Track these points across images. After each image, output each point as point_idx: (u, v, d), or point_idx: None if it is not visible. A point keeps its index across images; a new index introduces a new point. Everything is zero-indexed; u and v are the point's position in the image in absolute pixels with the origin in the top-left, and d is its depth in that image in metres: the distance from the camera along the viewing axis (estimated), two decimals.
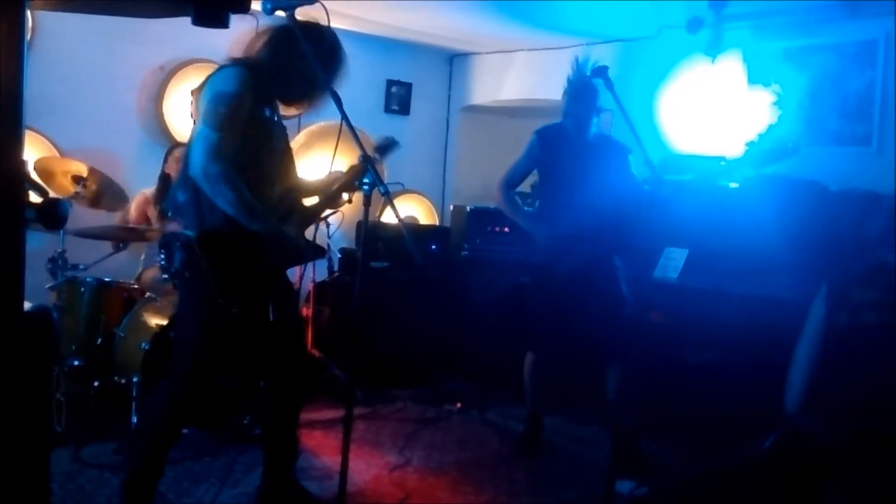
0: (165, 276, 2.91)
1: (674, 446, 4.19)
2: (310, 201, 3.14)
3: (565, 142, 4.00)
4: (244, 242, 2.73)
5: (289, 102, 2.95)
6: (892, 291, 1.76)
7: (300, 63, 2.74)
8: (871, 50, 4.52)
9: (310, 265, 5.06)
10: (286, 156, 2.98)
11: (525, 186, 4.54)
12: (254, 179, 2.73)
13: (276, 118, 2.90)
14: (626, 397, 3.94)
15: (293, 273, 3.17)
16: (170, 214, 2.88)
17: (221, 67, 2.78)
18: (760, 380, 3.87)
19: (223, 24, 1.87)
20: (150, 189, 4.64)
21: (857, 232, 1.91)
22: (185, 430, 3.77)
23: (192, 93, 2.85)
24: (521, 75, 6.46)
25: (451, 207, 6.18)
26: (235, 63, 2.79)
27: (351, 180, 3.02)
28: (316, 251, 3.14)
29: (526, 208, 4.48)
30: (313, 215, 3.07)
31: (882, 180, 4.33)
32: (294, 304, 3.16)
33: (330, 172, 3.09)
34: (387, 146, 3.18)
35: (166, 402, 2.88)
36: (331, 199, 3.05)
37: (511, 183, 4.14)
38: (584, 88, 3.92)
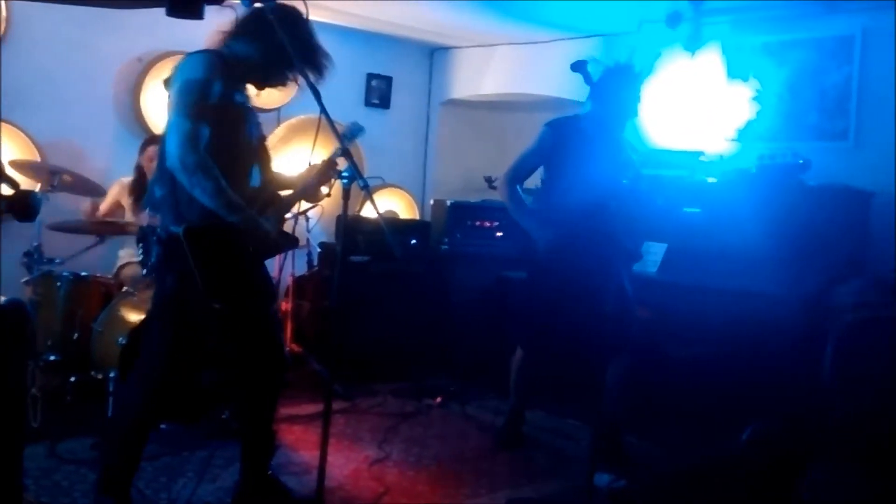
0: (144, 270, 2.88)
1: (655, 440, 4.21)
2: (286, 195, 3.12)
3: (580, 137, 3.77)
4: (224, 235, 2.71)
5: (260, 85, 2.92)
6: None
7: (269, 43, 2.71)
8: (848, 45, 4.56)
9: (289, 259, 5.05)
10: (261, 145, 2.95)
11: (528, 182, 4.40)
12: (229, 168, 2.70)
13: (248, 104, 2.88)
14: (611, 392, 3.92)
15: (272, 267, 3.15)
16: (149, 211, 2.84)
17: (188, 55, 2.75)
18: (740, 373, 3.91)
19: (198, 15, 1.85)
20: (127, 178, 4.59)
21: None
22: (162, 426, 3.77)
23: (164, 83, 2.82)
24: (502, 69, 6.46)
25: (432, 202, 6.17)
26: (203, 49, 2.76)
27: (324, 173, 3.00)
28: (290, 241, 3.12)
29: (531, 207, 4.28)
30: (289, 207, 3.06)
31: (859, 175, 4.38)
32: (273, 298, 3.14)
33: (309, 166, 3.08)
34: (352, 132, 3.16)
35: (140, 398, 2.85)
36: (306, 191, 3.03)
37: (518, 177, 3.88)
38: (629, 81, 3.72)
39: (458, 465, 3.84)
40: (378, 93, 6.65)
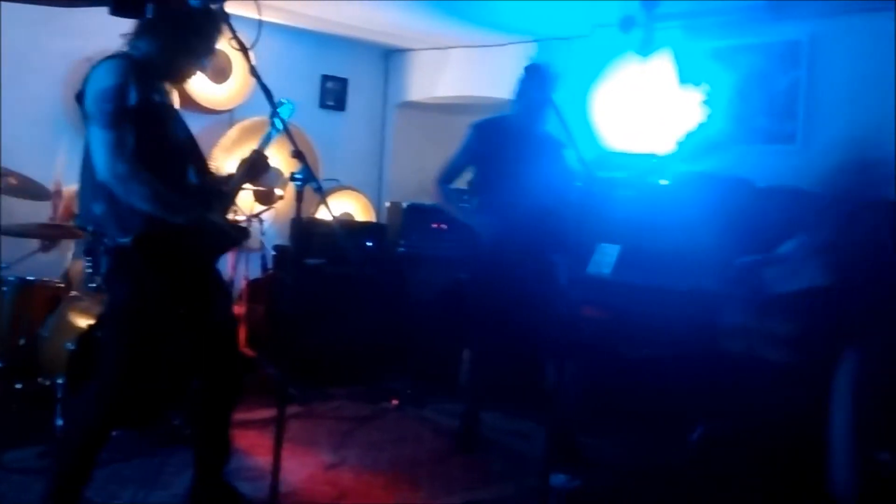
0: (92, 283, 2.83)
1: (608, 440, 4.25)
2: None
3: (504, 135, 3.96)
4: (174, 239, 2.67)
5: (174, 82, 2.88)
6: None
7: (169, 38, 2.70)
8: (795, 50, 4.65)
9: (242, 262, 5.00)
10: (191, 142, 2.91)
11: (462, 183, 4.53)
12: (163, 169, 2.65)
13: (168, 102, 2.84)
14: (565, 393, 3.97)
15: (226, 270, 3.12)
16: (90, 229, 2.78)
17: (95, 65, 2.68)
18: (692, 373, 3.96)
19: (142, 14, 1.81)
20: (77, 185, 4.49)
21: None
22: (113, 432, 3.69)
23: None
24: (458, 72, 6.47)
25: (388, 204, 6.16)
26: (109, 56, 2.70)
27: (251, 163, 2.98)
28: (242, 233, 3.09)
29: (464, 205, 4.45)
30: (232, 198, 3.02)
31: (806, 177, 4.46)
32: (228, 301, 3.11)
33: (241, 160, 3.04)
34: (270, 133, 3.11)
35: (96, 408, 2.79)
36: (240, 181, 3.01)
37: (447, 177, 4.10)
38: (543, 80, 3.88)
39: (414, 469, 3.84)
40: (333, 94, 6.62)
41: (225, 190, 2.99)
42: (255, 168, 2.99)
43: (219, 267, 3.03)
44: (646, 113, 4.89)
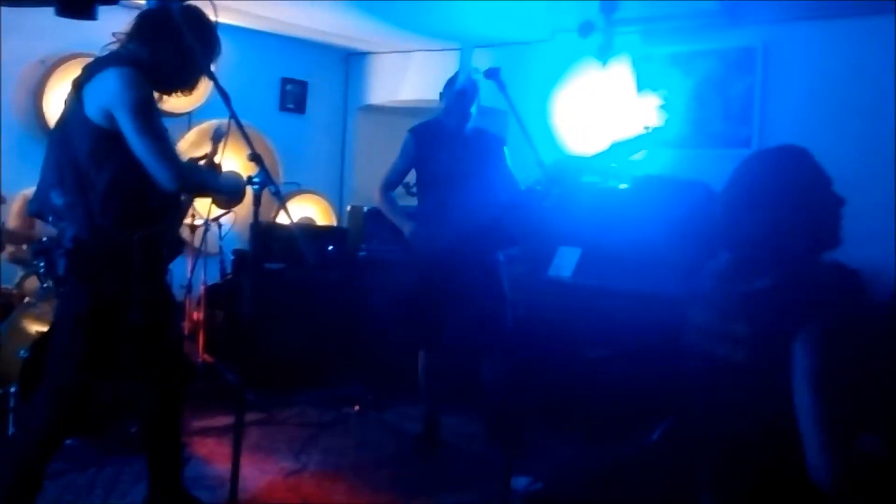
0: (46, 284, 2.78)
1: (569, 441, 4.26)
2: None
3: (441, 138, 4.01)
4: (133, 244, 2.64)
5: (167, 92, 2.84)
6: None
7: (178, 50, 2.65)
8: (750, 56, 4.73)
9: (200, 268, 4.94)
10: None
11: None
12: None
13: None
14: (503, 389, 4.03)
15: (185, 275, 3.08)
16: (49, 219, 2.73)
17: (121, 70, 2.60)
18: (651, 374, 4.00)
19: (90, 15, 1.77)
20: (31, 190, 4.40)
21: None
22: (68, 441, 3.62)
23: (73, 84, 2.70)
24: (419, 76, 6.47)
25: (349, 208, 6.14)
26: (121, 63, 2.64)
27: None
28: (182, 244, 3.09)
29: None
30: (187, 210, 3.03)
31: None
32: (172, 308, 3.06)
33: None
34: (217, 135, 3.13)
35: (47, 417, 2.73)
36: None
37: (389, 184, 4.14)
38: (469, 85, 3.95)
39: (375, 474, 3.82)
40: (293, 97, 6.58)
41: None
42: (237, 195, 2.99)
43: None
44: (605, 117, 4.94)
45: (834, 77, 4.43)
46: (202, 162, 3.06)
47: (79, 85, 2.65)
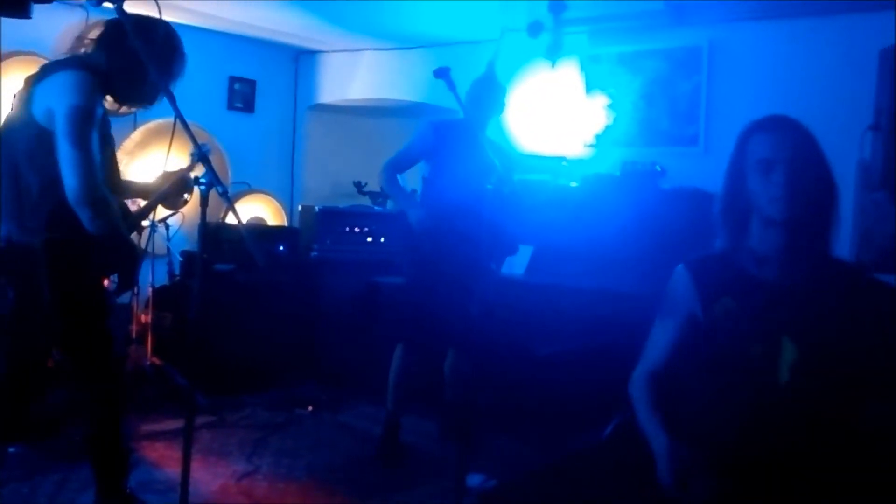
0: None
1: (522, 438, 4.29)
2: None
3: (460, 139, 3.93)
4: (82, 248, 2.59)
5: (124, 103, 2.79)
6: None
7: (136, 64, 2.59)
8: (696, 56, 4.81)
9: (148, 269, 4.85)
10: (115, 153, 2.84)
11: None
12: (109, 185, 2.61)
13: (107, 115, 2.76)
14: (460, 389, 4.06)
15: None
16: None
17: (65, 73, 2.56)
18: (603, 370, 4.04)
19: (24, 14, 1.73)
20: None
21: None
22: (11, 449, 3.53)
23: (25, 81, 2.64)
24: (369, 75, 6.45)
25: (300, 208, 6.09)
26: (77, 66, 2.59)
27: (179, 186, 2.95)
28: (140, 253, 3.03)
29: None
30: (143, 215, 2.96)
31: (709, 178, 4.61)
32: (104, 313, 3.00)
33: (164, 173, 2.98)
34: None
35: None
36: (163, 201, 2.94)
37: (397, 166, 4.02)
38: (494, 87, 3.94)
39: (329, 475, 3.79)
40: (241, 96, 6.50)
41: (138, 210, 2.94)
42: (181, 193, 2.94)
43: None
44: (555, 117, 4.98)
45: (779, 76, 4.53)
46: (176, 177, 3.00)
47: (30, 83, 2.59)
